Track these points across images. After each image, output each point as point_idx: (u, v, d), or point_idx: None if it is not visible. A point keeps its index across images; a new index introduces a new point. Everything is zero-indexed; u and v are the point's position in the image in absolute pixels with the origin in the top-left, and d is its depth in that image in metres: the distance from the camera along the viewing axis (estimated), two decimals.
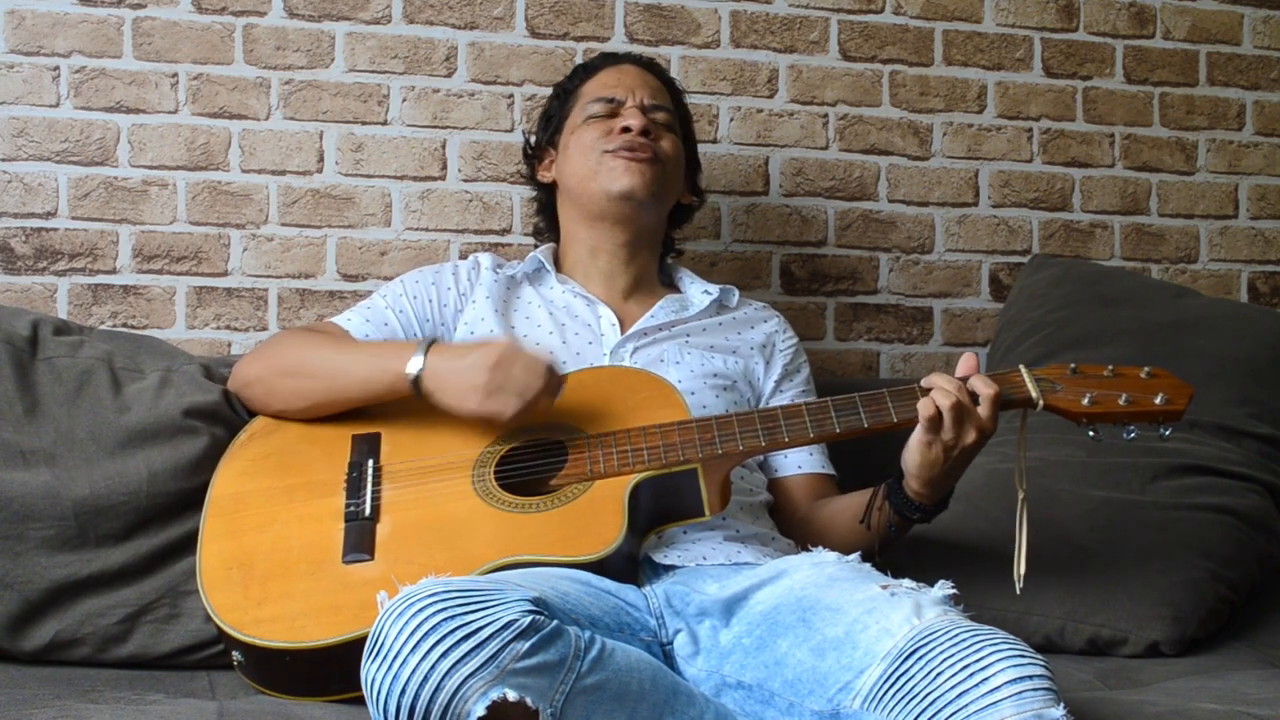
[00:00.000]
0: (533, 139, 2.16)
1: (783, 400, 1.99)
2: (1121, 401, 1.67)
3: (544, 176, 2.11)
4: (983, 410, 1.64)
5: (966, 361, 1.71)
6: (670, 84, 2.13)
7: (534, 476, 1.69)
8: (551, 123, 2.11)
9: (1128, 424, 1.68)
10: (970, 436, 1.64)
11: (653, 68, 2.12)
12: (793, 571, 1.58)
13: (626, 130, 1.97)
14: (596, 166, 1.97)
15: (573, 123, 2.04)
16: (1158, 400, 1.68)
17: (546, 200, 2.14)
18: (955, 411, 1.63)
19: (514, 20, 2.40)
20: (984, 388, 1.65)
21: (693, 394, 1.85)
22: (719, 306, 2.04)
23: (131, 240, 2.27)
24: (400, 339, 1.91)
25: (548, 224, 2.15)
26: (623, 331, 1.94)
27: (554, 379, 1.69)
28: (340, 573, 1.61)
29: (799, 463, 1.95)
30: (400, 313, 1.94)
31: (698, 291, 2.04)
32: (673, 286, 2.10)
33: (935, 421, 1.62)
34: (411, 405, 1.76)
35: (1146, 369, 1.72)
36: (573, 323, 1.95)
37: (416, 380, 1.71)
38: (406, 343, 1.81)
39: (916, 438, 1.66)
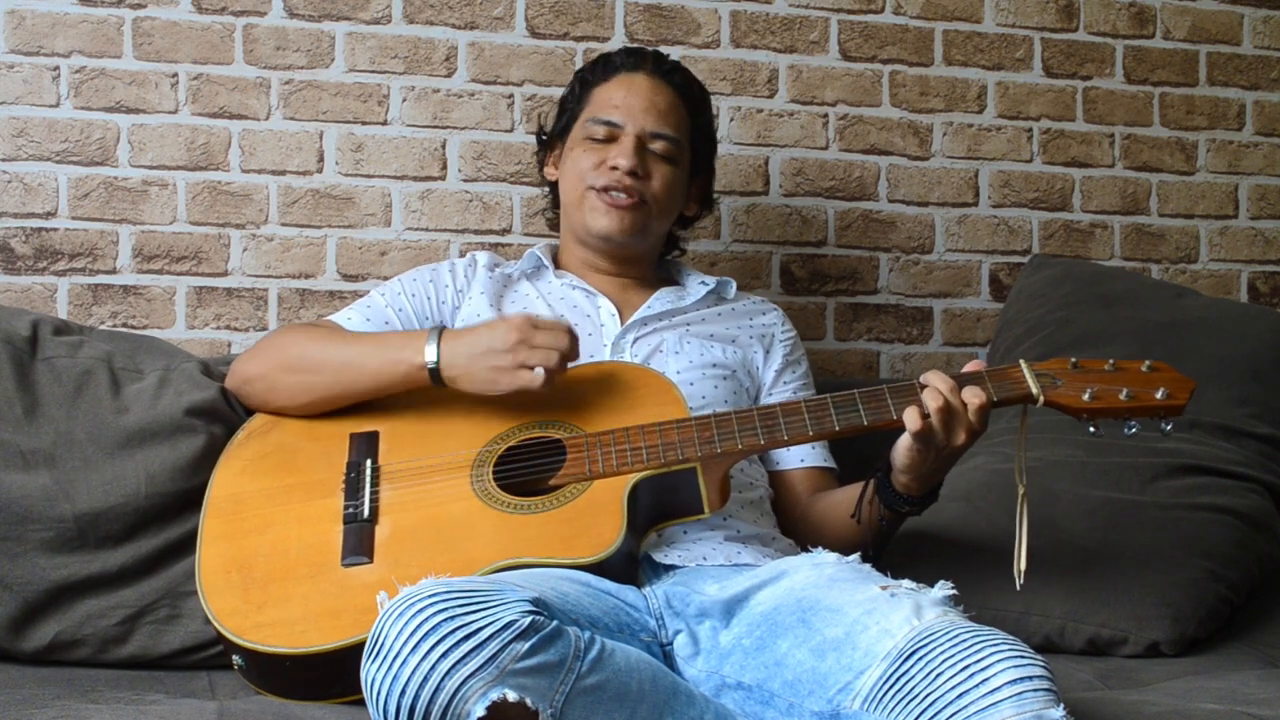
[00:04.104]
0: (547, 128, 2.11)
1: (784, 391, 1.99)
2: (1122, 396, 1.66)
3: (549, 174, 2.09)
4: (972, 416, 1.64)
5: (972, 365, 1.71)
6: (686, 91, 2.03)
7: (532, 476, 1.69)
8: (563, 119, 2.06)
9: (1129, 418, 1.67)
10: (960, 439, 1.65)
11: (670, 77, 2.02)
12: (793, 572, 1.58)
13: (613, 168, 1.93)
14: (581, 199, 1.96)
15: (576, 133, 2.01)
16: (1159, 395, 1.67)
17: (553, 190, 2.11)
18: (943, 414, 1.63)
19: (514, 20, 2.40)
20: (973, 398, 1.64)
21: (692, 384, 1.85)
22: (716, 298, 2.04)
23: (131, 240, 2.27)
24: None
25: (556, 216, 2.12)
26: (622, 322, 1.95)
27: (575, 338, 1.70)
28: (339, 576, 1.61)
29: (800, 456, 1.96)
30: (400, 311, 1.93)
31: (695, 283, 2.04)
32: (670, 281, 2.09)
33: (922, 433, 1.63)
34: (410, 401, 1.76)
35: (1147, 363, 1.71)
36: (572, 314, 1.95)
37: (435, 370, 1.71)
38: (414, 332, 1.79)
39: (905, 438, 1.66)
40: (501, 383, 1.68)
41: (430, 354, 1.71)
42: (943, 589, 1.47)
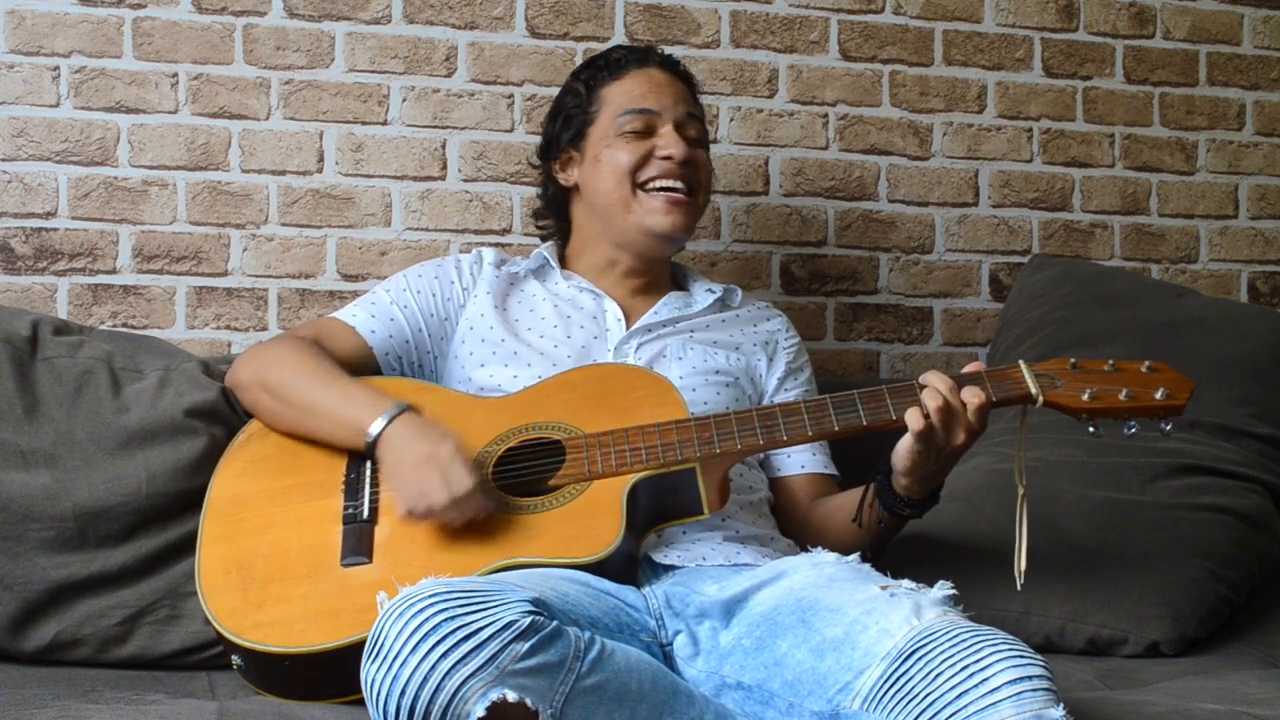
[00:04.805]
0: (549, 133, 2.05)
1: (786, 399, 1.98)
2: (1122, 396, 1.66)
3: (565, 179, 2.02)
4: (972, 416, 1.64)
5: (972, 367, 1.71)
6: (689, 80, 2.04)
7: (532, 477, 1.69)
8: (572, 123, 2.00)
9: (1128, 419, 1.67)
10: (959, 439, 1.64)
11: (675, 68, 2.02)
12: (792, 572, 1.58)
13: (666, 158, 1.91)
14: (632, 199, 1.92)
15: (602, 131, 1.95)
16: (1158, 395, 1.66)
17: (558, 197, 2.06)
18: (942, 414, 1.62)
19: (514, 20, 2.40)
20: (972, 398, 1.64)
21: (694, 390, 1.85)
22: (722, 305, 2.04)
23: (131, 240, 2.27)
24: (406, 336, 1.90)
25: (558, 223, 2.08)
26: (628, 326, 1.94)
27: (464, 506, 1.60)
28: (339, 576, 1.61)
29: (802, 463, 1.96)
30: (405, 308, 1.92)
31: (701, 290, 2.04)
32: (677, 284, 2.09)
33: (923, 433, 1.62)
34: (411, 403, 1.76)
35: (1147, 363, 1.71)
36: (578, 315, 1.94)
37: (371, 444, 1.68)
38: (382, 397, 1.73)
39: (906, 439, 1.65)
40: (393, 485, 1.64)
41: (377, 427, 1.67)
42: (942, 589, 1.47)
